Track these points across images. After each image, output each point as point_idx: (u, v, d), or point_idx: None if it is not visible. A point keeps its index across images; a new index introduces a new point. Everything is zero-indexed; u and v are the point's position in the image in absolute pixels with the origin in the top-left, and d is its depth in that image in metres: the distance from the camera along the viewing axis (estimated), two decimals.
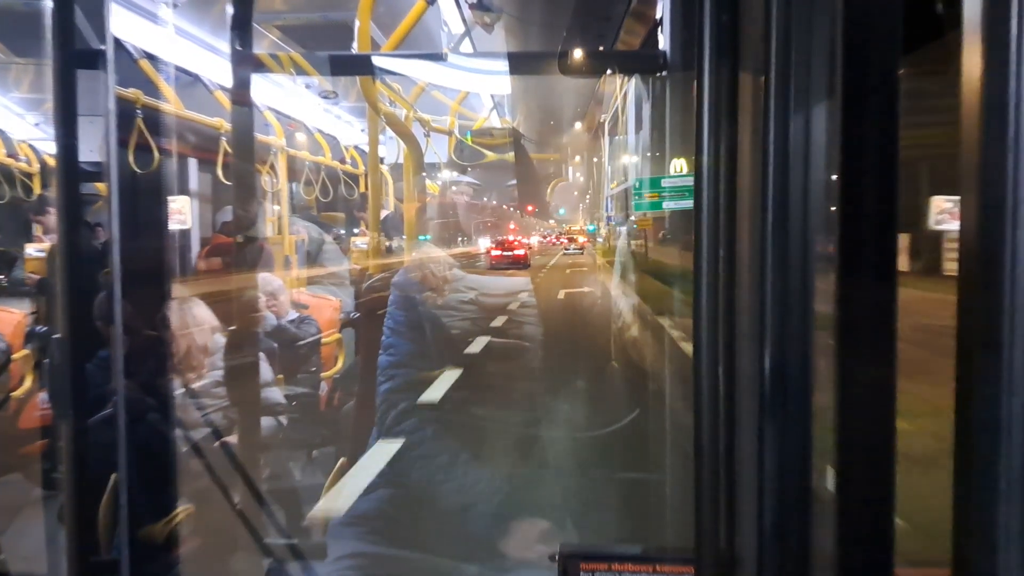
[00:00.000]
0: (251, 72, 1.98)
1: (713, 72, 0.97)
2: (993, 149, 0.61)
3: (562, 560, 1.22)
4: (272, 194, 7.82)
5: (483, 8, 7.37)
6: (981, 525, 0.63)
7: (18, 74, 11.05)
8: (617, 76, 7.76)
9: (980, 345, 0.63)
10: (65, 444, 1.41)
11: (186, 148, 6.45)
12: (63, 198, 1.41)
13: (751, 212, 1.03)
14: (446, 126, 9.10)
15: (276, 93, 9.05)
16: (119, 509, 1.60)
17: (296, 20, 13.07)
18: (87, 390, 1.45)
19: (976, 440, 0.63)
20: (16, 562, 2.75)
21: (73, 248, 1.42)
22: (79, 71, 1.41)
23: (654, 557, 1.19)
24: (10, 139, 9.65)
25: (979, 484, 0.63)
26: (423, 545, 2.15)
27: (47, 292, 4.64)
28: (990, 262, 0.61)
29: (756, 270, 1.00)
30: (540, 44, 15.37)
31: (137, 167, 3.60)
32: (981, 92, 0.63)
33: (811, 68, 0.95)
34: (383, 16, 8.22)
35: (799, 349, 0.97)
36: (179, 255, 5.20)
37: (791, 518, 0.98)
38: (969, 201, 0.64)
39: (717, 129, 0.97)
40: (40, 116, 11.00)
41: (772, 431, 0.99)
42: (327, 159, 9.04)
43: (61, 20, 1.37)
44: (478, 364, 2.61)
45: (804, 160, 0.96)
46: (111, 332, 1.52)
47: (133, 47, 5.30)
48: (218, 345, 3.19)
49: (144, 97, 4.68)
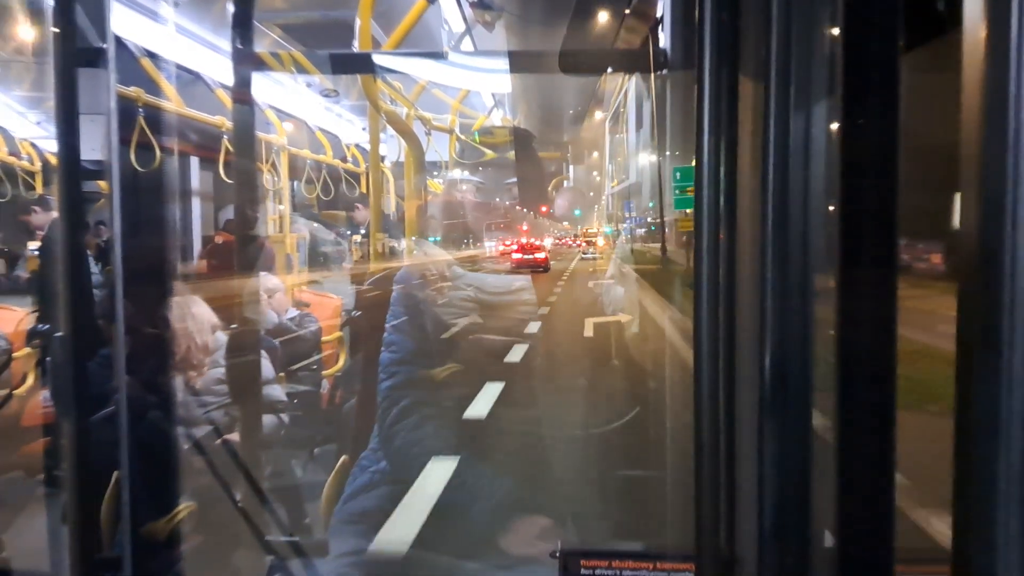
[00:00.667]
0: (252, 70, 1.99)
1: (714, 70, 0.97)
2: (993, 147, 0.61)
3: (563, 557, 1.23)
4: (274, 192, 7.83)
5: (484, 6, 7.37)
6: (981, 525, 0.63)
7: (19, 72, 11.07)
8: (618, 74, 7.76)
9: (980, 345, 0.63)
10: (67, 442, 1.41)
11: (188, 146, 6.46)
12: (65, 196, 1.41)
13: (751, 211, 1.03)
14: (447, 124, 9.11)
15: (277, 91, 9.05)
16: (121, 506, 1.61)
17: (297, 18, 13.10)
18: (89, 388, 1.46)
19: (976, 440, 0.64)
20: (19, 559, 2.75)
21: (74, 246, 1.42)
22: (80, 69, 1.41)
23: (654, 555, 1.19)
24: (12, 137, 9.67)
25: (979, 484, 0.63)
26: (424, 542, 2.15)
27: (45, 289, 4.65)
28: (990, 261, 0.61)
29: (756, 270, 1.00)
30: (541, 42, 15.36)
31: (139, 165, 3.61)
32: (981, 90, 0.63)
33: (812, 66, 0.95)
34: (384, 14, 8.22)
35: (799, 349, 0.97)
36: (181, 253, 5.20)
37: (791, 516, 0.99)
38: (969, 200, 0.64)
39: (717, 128, 0.97)
40: (42, 114, 11.01)
41: (772, 430, 0.99)
42: (328, 157, 9.05)
43: (63, 18, 1.37)
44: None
45: (804, 159, 0.96)
46: (113, 330, 1.52)
47: (134, 45, 5.30)
48: (218, 343, 3.20)
49: (145, 95, 4.69)
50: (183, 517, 2.06)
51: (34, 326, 4.50)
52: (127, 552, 1.55)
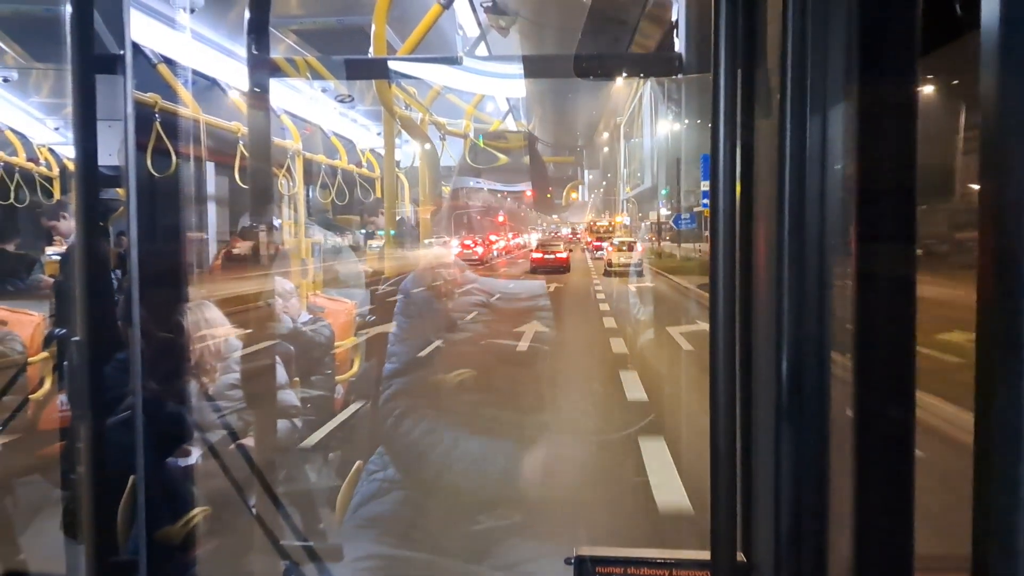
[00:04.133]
0: (267, 76, 1.99)
1: (729, 74, 0.96)
2: (1012, 148, 0.61)
3: (577, 563, 1.22)
4: (288, 197, 7.87)
5: (498, 12, 7.38)
6: (1001, 530, 0.62)
7: (38, 79, 11.19)
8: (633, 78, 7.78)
9: (1001, 347, 0.62)
10: (83, 446, 1.42)
11: (203, 152, 6.51)
12: (82, 202, 1.42)
13: (767, 214, 1.02)
14: (462, 129, 9.14)
15: (293, 97, 9.11)
16: (137, 510, 1.61)
17: (312, 24, 13.19)
18: (105, 392, 1.47)
19: (997, 442, 0.63)
20: (35, 562, 2.77)
21: (91, 251, 1.43)
22: (98, 76, 1.43)
23: (670, 562, 1.18)
24: (31, 143, 9.78)
25: (999, 488, 0.62)
26: (439, 547, 2.15)
27: (62, 294, 4.69)
28: (1011, 262, 0.61)
29: (773, 273, 0.99)
30: (555, 47, 15.38)
31: (155, 171, 3.64)
32: (999, 92, 0.62)
33: (827, 69, 0.94)
34: (399, 20, 8.27)
35: (816, 353, 0.97)
36: (196, 258, 5.24)
37: (808, 524, 0.98)
38: (988, 200, 0.64)
39: (733, 131, 0.97)
40: (60, 120, 11.14)
41: (789, 436, 0.98)
42: (343, 162, 9.10)
43: (80, 25, 1.39)
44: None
45: (821, 162, 0.96)
46: (129, 334, 1.53)
47: (151, 52, 5.36)
48: (232, 348, 3.21)
49: (162, 101, 4.73)
50: (198, 521, 2.06)
51: (51, 330, 4.54)
52: (142, 556, 1.56)
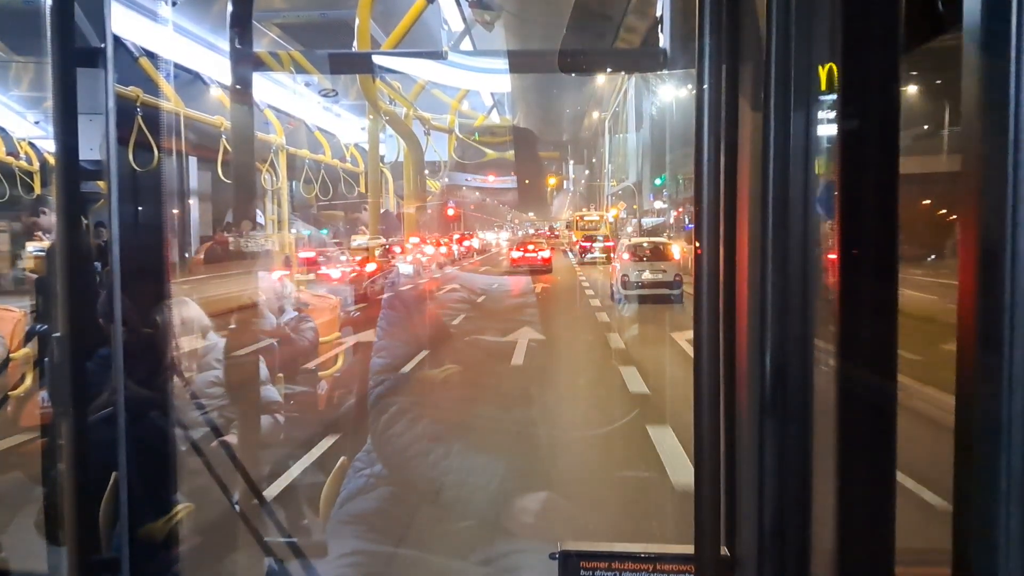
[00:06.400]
0: (251, 70, 1.98)
1: (713, 70, 0.97)
2: (993, 148, 0.61)
3: (562, 558, 1.22)
4: (272, 192, 7.83)
5: (483, 6, 7.37)
6: (981, 525, 0.63)
7: (18, 72, 11.06)
8: (618, 74, 7.76)
9: (980, 344, 0.63)
10: (65, 442, 1.41)
11: (186, 146, 6.46)
12: (63, 196, 1.41)
13: (751, 211, 1.03)
14: (446, 124, 9.11)
15: (276, 91, 9.05)
16: (119, 507, 1.60)
17: (296, 18, 13.11)
18: (87, 388, 1.45)
19: (976, 439, 0.63)
20: (17, 560, 2.75)
21: (73, 246, 1.41)
22: (79, 69, 1.41)
23: (654, 556, 1.18)
24: (11, 137, 9.67)
25: (979, 483, 0.63)
26: (423, 543, 2.15)
27: (45, 290, 4.65)
28: (990, 261, 0.61)
29: (756, 269, 1.00)
30: (540, 42, 15.37)
31: (137, 165, 3.60)
32: (981, 91, 0.62)
33: (811, 66, 0.95)
34: (383, 14, 8.23)
35: (799, 348, 0.97)
36: (179, 253, 5.20)
37: (791, 518, 0.98)
38: (969, 200, 0.64)
39: (717, 127, 0.97)
40: (40, 114, 11.01)
41: (772, 431, 0.98)
42: (327, 157, 9.05)
43: (61, 18, 1.37)
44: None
45: (804, 158, 0.96)
46: (111, 330, 1.52)
47: (133, 45, 5.30)
48: (210, 345, 3.19)
49: (144, 95, 4.68)
50: (181, 518, 2.05)
51: (32, 326, 4.50)
52: (125, 553, 1.55)
